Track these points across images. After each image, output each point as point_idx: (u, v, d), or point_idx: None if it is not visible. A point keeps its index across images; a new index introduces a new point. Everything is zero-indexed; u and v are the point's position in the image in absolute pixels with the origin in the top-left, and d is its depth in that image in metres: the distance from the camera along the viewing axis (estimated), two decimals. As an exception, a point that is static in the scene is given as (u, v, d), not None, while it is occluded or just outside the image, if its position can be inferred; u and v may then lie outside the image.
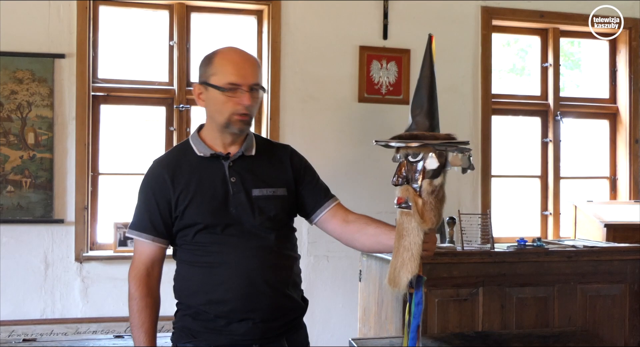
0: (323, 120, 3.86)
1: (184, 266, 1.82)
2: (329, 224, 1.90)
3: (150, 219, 1.80)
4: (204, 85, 1.81)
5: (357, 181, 3.81)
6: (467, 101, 4.08)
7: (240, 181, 1.80)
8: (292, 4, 3.83)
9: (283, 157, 1.91)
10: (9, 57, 3.48)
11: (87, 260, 3.56)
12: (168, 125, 3.81)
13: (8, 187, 3.45)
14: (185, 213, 1.77)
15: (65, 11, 3.57)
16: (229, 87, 1.76)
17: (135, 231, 1.83)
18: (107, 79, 3.74)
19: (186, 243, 1.80)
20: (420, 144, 1.51)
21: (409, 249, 1.52)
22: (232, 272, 1.73)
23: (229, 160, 1.82)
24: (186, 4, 3.83)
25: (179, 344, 1.82)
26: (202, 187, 1.78)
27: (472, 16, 4.10)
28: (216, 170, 1.81)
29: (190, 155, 1.84)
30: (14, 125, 3.48)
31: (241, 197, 1.78)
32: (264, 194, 1.80)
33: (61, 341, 3.11)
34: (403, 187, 1.54)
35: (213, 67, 1.79)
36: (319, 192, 1.92)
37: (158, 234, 1.81)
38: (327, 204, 1.90)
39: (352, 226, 1.86)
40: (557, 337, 2.64)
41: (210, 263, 1.75)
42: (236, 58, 1.80)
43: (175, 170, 1.81)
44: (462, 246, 3.27)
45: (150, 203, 1.80)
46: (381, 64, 3.92)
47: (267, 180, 1.83)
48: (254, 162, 1.85)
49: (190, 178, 1.79)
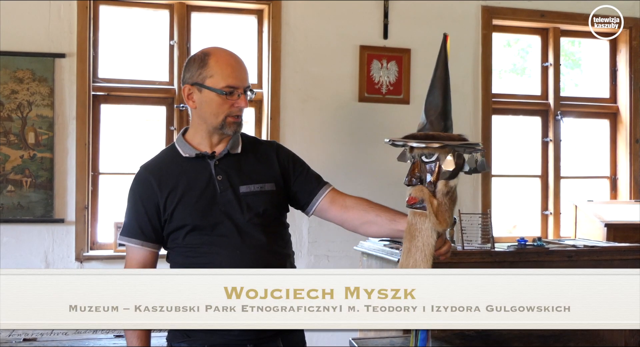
0: (323, 120, 3.86)
1: (176, 269, 1.82)
2: (328, 212, 1.89)
3: (139, 224, 1.81)
4: (197, 86, 1.79)
5: (357, 180, 3.81)
6: (467, 101, 4.08)
7: (227, 179, 1.80)
8: (292, 4, 3.83)
9: (269, 153, 1.90)
10: (9, 56, 3.48)
11: (88, 260, 3.57)
12: (168, 125, 3.81)
13: (8, 186, 3.46)
14: (174, 215, 1.78)
15: (65, 11, 3.57)
16: (227, 90, 1.76)
17: (125, 237, 1.83)
18: (108, 79, 3.74)
19: (177, 246, 1.80)
20: (440, 144, 1.49)
21: (422, 250, 1.51)
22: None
23: (214, 159, 1.82)
24: (186, 4, 3.83)
25: (174, 344, 1.82)
26: (190, 188, 1.78)
27: (473, 16, 4.10)
28: (202, 169, 1.81)
29: (176, 157, 1.84)
30: (14, 125, 3.48)
31: (228, 194, 1.78)
32: (252, 190, 1.80)
33: (61, 340, 3.11)
34: (417, 187, 1.52)
35: (209, 70, 1.78)
36: (311, 181, 1.91)
37: (147, 239, 1.81)
38: (322, 192, 1.89)
39: (352, 212, 1.85)
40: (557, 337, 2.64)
41: (202, 264, 1.75)
42: (232, 61, 1.81)
43: (162, 174, 1.81)
44: (462, 246, 3.27)
45: (138, 209, 1.81)
46: (381, 63, 3.92)
47: (254, 176, 1.83)
48: (240, 160, 1.85)
49: (177, 180, 1.80)
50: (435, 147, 1.49)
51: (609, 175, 4.48)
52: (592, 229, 3.97)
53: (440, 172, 1.51)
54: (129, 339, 1.81)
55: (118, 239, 1.88)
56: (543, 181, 4.37)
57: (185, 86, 1.83)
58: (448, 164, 1.51)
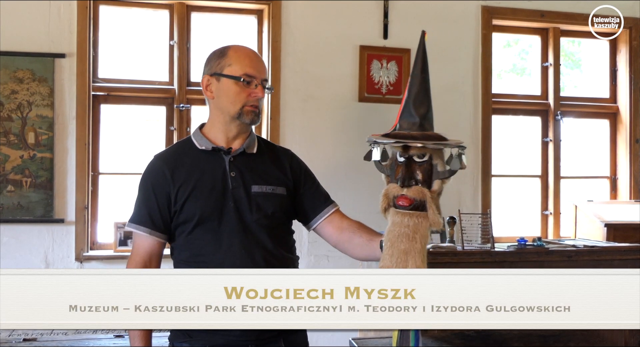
0: (323, 119, 3.86)
1: (180, 265, 1.83)
2: (325, 231, 1.90)
3: (149, 212, 1.81)
4: (216, 76, 1.82)
5: (357, 180, 3.81)
6: (467, 101, 4.08)
7: (240, 176, 1.81)
8: (292, 4, 3.83)
9: (283, 159, 1.92)
10: (9, 56, 3.48)
11: (88, 260, 3.56)
12: (168, 125, 3.81)
13: (8, 186, 3.46)
14: (184, 206, 1.78)
15: (65, 11, 3.57)
16: (246, 78, 1.79)
17: (134, 224, 1.83)
18: (108, 79, 3.74)
19: (183, 239, 1.81)
20: (435, 144, 1.47)
21: (421, 251, 1.50)
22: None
23: (230, 155, 1.82)
24: (186, 4, 3.83)
25: (176, 344, 1.82)
26: (202, 180, 1.79)
27: (473, 16, 4.10)
28: (216, 164, 1.82)
29: (191, 149, 1.85)
30: (14, 125, 3.48)
31: (240, 192, 1.79)
32: (263, 191, 1.81)
33: (61, 340, 3.11)
34: (416, 188, 1.48)
35: (228, 59, 1.82)
36: (319, 198, 1.92)
37: (156, 228, 1.81)
38: (327, 210, 1.90)
39: (344, 234, 1.85)
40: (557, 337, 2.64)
41: (206, 262, 1.76)
42: (250, 53, 1.86)
43: (176, 165, 1.82)
44: (462, 246, 3.27)
45: (149, 197, 1.81)
46: (381, 63, 3.92)
47: (266, 178, 1.84)
48: (255, 160, 1.86)
49: (191, 171, 1.81)
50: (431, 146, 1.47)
51: (609, 175, 4.48)
52: (592, 229, 3.97)
53: (434, 171, 1.50)
54: (132, 339, 1.81)
55: (126, 226, 1.87)
56: (543, 181, 4.37)
57: (204, 77, 1.86)
58: (440, 163, 1.50)
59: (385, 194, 1.53)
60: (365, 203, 3.47)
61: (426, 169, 1.50)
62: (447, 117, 3.98)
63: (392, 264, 1.49)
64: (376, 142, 1.52)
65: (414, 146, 1.47)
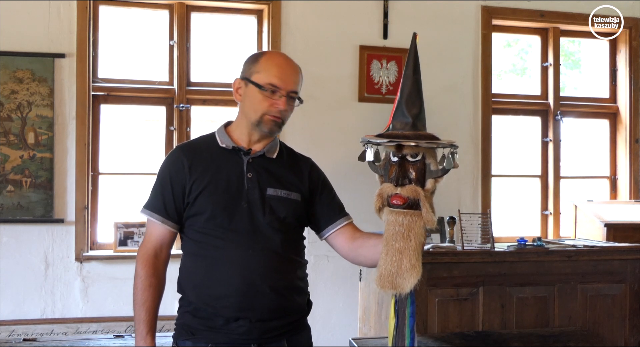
0: (323, 120, 3.86)
1: (189, 258, 1.84)
2: (336, 242, 1.92)
3: (164, 200, 1.83)
4: (245, 81, 1.85)
5: (357, 180, 3.80)
6: (467, 101, 4.08)
7: (257, 178, 1.82)
8: (292, 4, 3.83)
9: (303, 167, 1.94)
10: (9, 56, 3.48)
11: (87, 260, 3.56)
12: (168, 125, 3.81)
13: (8, 186, 3.45)
14: (197, 199, 1.80)
15: (65, 11, 3.57)
16: (269, 87, 1.81)
17: (148, 211, 1.86)
18: (107, 79, 3.74)
19: (193, 232, 1.82)
20: (429, 143, 1.47)
21: (416, 250, 1.50)
22: (234, 269, 1.74)
23: (249, 156, 1.84)
24: (186, 4, 3.83)
25: (179, 342, 1.83)
26: (218, 177, 1.81)
27: (472, 16, 4.10)
28: (235, 163, 1.83)
29: (212, 145, 1.87)
30: (14, 125, 3.48)
31: (255, 193, 1.80)
32: (278, 195, 1.83)
33: (61, 340, 3.12)
34: (410, 187, 1.49)
35: (258, 66, 1.84)
36: (334, 208, 1.94)
37: (169, 217, 1.83)
38: (340, 221, 1.92)
39: (356, 242, 1.86)
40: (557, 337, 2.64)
41: (214, 258, 1.77)
42: (282, 62, 1.87)
43: (195, 157, 1.84)
44: (462, 246, 3.27)
45: (165, 186, 1.84)
46: (381, 63, 3.92)
47: (282, 182, 1.85)
48: (273, 164, 1.88)
49: (208, 167, 1.82)
50: (424, 146, 1.48)
51: (609, 175, 4.48)
52: (592, 229, 3.97)
53: (427, 170, 1.50)
54: (137, 314, 1.82)
55: (140, 211, 1.89)
56: (543, 181, 4.37)
57: (236, 79, 1.89)
58: (433, 163, 1.50)
59: (380, 193, 1.53)
60: (366, 203, 3.44)
61: (419, 168, 1.50)
62: (447, 117, 3.99)
63: (387, 263, 1.49)
64: (370, 142, 1.52)
65: (407, 145, 1.48)
